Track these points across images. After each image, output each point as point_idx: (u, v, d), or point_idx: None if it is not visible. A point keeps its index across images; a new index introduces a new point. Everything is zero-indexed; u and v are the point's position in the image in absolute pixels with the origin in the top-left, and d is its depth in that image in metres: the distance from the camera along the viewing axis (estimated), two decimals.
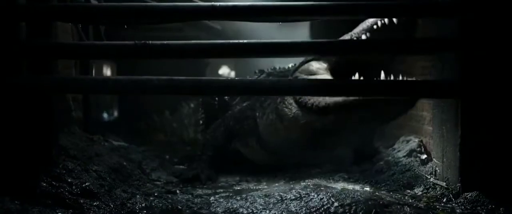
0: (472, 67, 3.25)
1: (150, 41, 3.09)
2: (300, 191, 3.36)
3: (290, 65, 5.12)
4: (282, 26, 7.83)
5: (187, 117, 7.68)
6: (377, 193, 3.43)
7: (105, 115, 7.82)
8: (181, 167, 5.09)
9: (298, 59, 4.24)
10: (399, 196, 3.46)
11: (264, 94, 3.60)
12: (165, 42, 3.12)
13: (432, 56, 3.95)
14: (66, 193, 3.18)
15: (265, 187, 4.06)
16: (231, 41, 3.13)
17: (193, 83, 3.02)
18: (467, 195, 3.27)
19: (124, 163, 4.25)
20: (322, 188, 3.41)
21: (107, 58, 4.45)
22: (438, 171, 3.71)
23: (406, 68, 4.91)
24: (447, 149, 3.57)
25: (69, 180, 3.34)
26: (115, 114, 8.48)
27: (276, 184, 4.06)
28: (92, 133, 4.85)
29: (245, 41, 3.11)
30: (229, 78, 3.37)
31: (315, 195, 3.22)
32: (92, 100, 5.21)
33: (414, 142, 4.29)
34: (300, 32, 7.67)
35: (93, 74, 5.30)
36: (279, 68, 5.21)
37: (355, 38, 3.54)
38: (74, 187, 3.28)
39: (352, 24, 4.75)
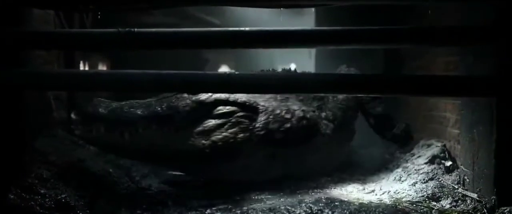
0: None
1: (135, 29, 2.64)
2: (311, 205, 2.91)
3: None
4: (285, 20, 7.37)
5: None
6: (399, 207, 2.98)
7: None
8: (175, 172, 4.60)
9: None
10: (425, 210, 3.01)
11: (270, 92, 3.11)
12: (154, 29, 2.67)
13: (459, 49, 3.49)
14: (37, 207, 2.74)
15: (269, 197, 3.60)
16: (232, 28, 2.68)
17: (185, 78, 2.56)
18: (504, 209, 2.81)
19: (110, 170, 3.77)
20: (336, 203, 2.95)
21: (83, 49, 3.96)
22: (468, 180, 3.24)
23: (423, 64, 4.46)
24: (478, 155, 3.10)
25: (42, 191, 2.89)
26: None
27: (281, 194, 3.60)
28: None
29: (247, 28, 2.65)
30: (227, 72, 2.88)
31: (330, 213, 2.74)
32: (81, 99, 4.72)
33: (436, 147, 3.81)
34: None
35: None
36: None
37: None
38: (47, 200, 2.84)
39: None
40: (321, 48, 2.75)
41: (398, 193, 3.42)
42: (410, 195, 3.32)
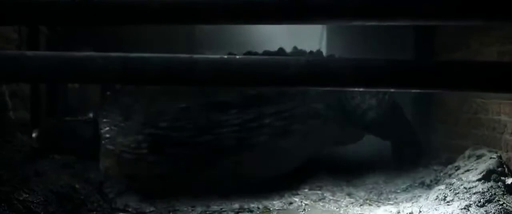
0: None
1: None
2: None
3: None
4: None
5: None
6: None
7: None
8: None
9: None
10: None
11: (287, 85, 2.28)
12: None
13: None
14: None
15: None
16: None
17: (162, 63, 1.76)
18: None
19: (77, 186, 2.99)
20: None
21: (23, 24, 3.15)
22: None
23: (466, 57, 3.67)
24: None
25: None
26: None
27: None
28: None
29: None
30: (225, 56, 2.04)
31: None
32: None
33: (490, 159, 3.01)
34: None
35: None
36: None
37: None
38: None
39: None
40: (357, 24, 1.92)
41: None
42: None
